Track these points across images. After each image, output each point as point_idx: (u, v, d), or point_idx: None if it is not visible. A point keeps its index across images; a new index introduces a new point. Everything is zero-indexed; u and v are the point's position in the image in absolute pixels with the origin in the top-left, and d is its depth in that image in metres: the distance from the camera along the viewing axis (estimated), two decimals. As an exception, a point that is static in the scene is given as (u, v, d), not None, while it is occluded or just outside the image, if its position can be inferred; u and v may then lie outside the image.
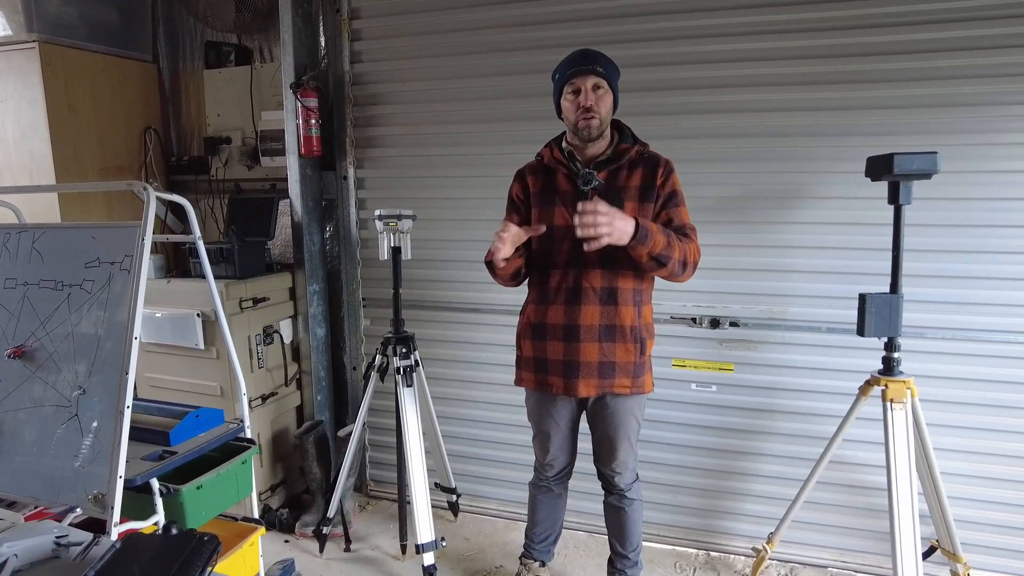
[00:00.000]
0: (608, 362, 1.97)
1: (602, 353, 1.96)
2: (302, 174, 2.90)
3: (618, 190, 1.95)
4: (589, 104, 1.90)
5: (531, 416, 2.21)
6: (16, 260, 1.85)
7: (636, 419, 2.08)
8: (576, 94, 1.92)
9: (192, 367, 2.72)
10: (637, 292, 1.99)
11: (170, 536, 1.13)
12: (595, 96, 1.91)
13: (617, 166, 1.97)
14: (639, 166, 1.98)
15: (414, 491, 2.41)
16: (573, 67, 1.92)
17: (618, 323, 1.96)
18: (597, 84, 1.91)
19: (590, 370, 1.97)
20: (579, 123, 1.92)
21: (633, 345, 1.99)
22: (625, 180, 1.97)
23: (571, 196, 1.97)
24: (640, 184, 1.97)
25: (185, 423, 1.91)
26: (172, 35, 3.30)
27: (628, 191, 1.96)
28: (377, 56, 2.89)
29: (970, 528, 2.36)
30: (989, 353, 2.31)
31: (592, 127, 1.92)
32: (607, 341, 1.96)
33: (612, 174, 1.97)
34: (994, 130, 2.21)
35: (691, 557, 2.67)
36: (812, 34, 2.32)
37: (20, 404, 1.75)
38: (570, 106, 1.94)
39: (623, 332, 1.97)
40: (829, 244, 2.40)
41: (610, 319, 1.96)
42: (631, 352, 1.99)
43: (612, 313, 1.96)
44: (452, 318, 2.93)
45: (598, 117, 1.91)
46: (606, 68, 1.93)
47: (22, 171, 2.82)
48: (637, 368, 2.01)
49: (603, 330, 1.96)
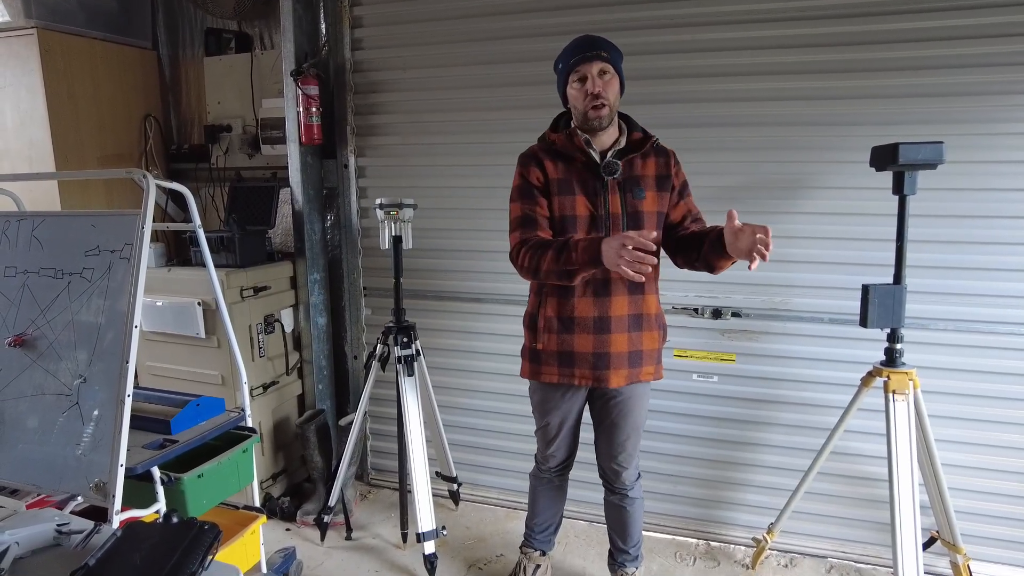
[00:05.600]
0: (636, 351, 1.98)
1: (631, 343, 1.97)
2: (303, 162, 2.89)
3: (637, 179, 1.94)
4: (597, 91, 1.85)
5: (538, 408, 2.15)
6: (16, 248, 1.85)
7: (645, 408, 2.09)
8: (583, 82, 1.88)
9: (193, 356, 2.72)
10: (655, 280, 2.02)
11: (171, 524, 1.14)
12: (602, 82, 1.87)
13: (634, 156, 1.95)
14: (651, 156, 1.98)
15: (415, 480, 2.42)
16: (577, 54, 1.88)
17: (644, 311, 1.97)
18: (603, 69, 1.87)
19: (621, 360, 1.96)
20: (589, 112, 1.88)
21: (658, 332, 2.02)
22: (641, 169, 1.95)
23: (592, 185, 1.92)
24: (655, 174, 1.96)
25: (186, 412, 1.91)
26: (172, 22, 3.27)
27: (646, 180, 1.94)
28: (378, 43, 2.87)
29: (970, 519, 2.37)
30: (992, 345, 2.30)
31: (603, 116, 1.88)
32: (635, 330, 1.97)
33: (628, 164, 1.95)
34: (1000, 119, 2.19)
35: (691, 547, 2.68)
36: (817, 22, 2.30)
37: (21, 392, 1.75)
38: (578, 94, 1.89)
39: (649, 320, 1.98)
40: (832, 234, 2.39)
41: (638, 308, 1.96)
42: (656, 339, 2.01)
43: (640, 302, 1.96)
44: (453, 307, 2.93)
45: (607, 104, 1.87)
46: (610, 52, 1.89)
47: (21, 159, 2.80)
48: (658, 355, 2.04)
49: (632, 320, 1.96)
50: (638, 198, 1.92)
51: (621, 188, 1.92)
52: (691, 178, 2.05)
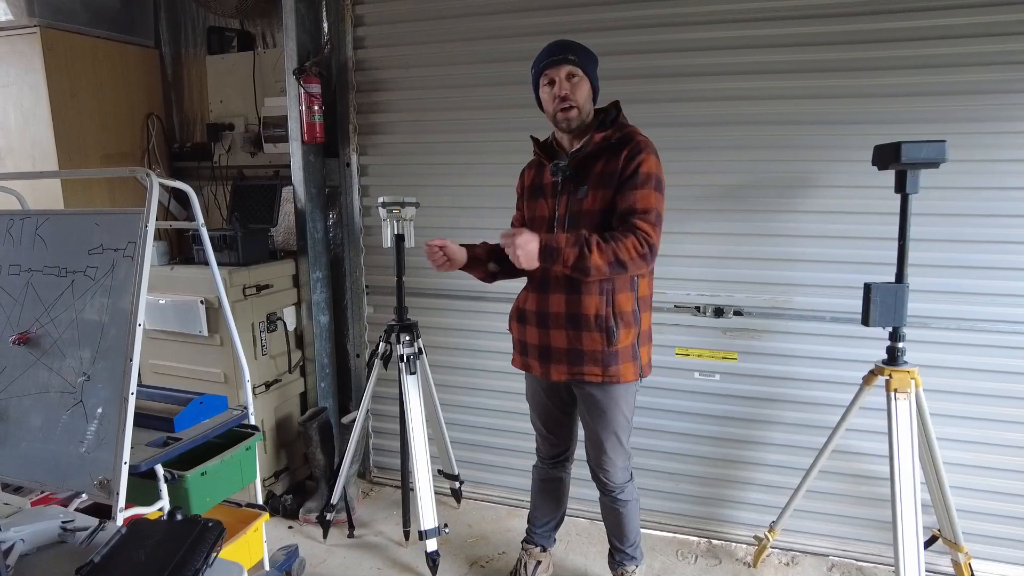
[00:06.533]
0: (575, 349, 1.97)
1: (569, 340, 1.97)
2: (305, 161, 2.89)
3: (583, 178, 1.94)
4: (564, 93, 1.88)
5: (526, 394, 2.29)
6: (20, 246, 1.85)
7: (623, 413, 2.03)
8: (551, 85, 1.91)
9: (196, 354, 2.73)
10: (606, 281, 1.91)
11: (175, 522, 1.14)
12: (570, 84, 1.88)
13: (586, 155, 1.93)
14: (611, 151, 1.91)
15: (417, 478, 2.43)
16: (546, 58, 1.91)
17: (582, 312, 1.93)
18: (571, 72, 1.88)
19: (560, 356, 2.00)
20: (557, 115, 1.92)
21: (599, 334, 1.93)
22: (596, 167, 1.93)
23: (552, 188, 2.01)
24: (602, 171, 1.91)
25: (189, 410, 1.92)
26: (174, 20, 3.28)
27: (591, 179, 1.93)
28: (381, 42, 2.87)
29: (972, 518, 2.37)
30: (994, 343, 2.29)
31: (571, 118, 1.90)
32: (572, 329, 1.96)
33: (582, 163, 1.94)
34: (1003, 118, 2.18)
35: (693, 545, 2.68)
36: (818, 20, 2.29)
37: (25, 390, 1.76)
38: (547, 98, 1.94)
39: (587, 321, 1.93)
40: (834, 233, 2.39)
41: (574, 308, 1.94)
42: (597, 341, 1.93)
43: (576, 302, 1.94)
44: (455, 306, 2.93)
45: (576, 107, 1.89)
46: (579, 56, 1.90)
47: (24, 157, 2.81)
48: (607, 357, 1.94)
49: (568, 318, 1.96)
50: (581, 197, 1.93)
51: (570, 189, 1.95)
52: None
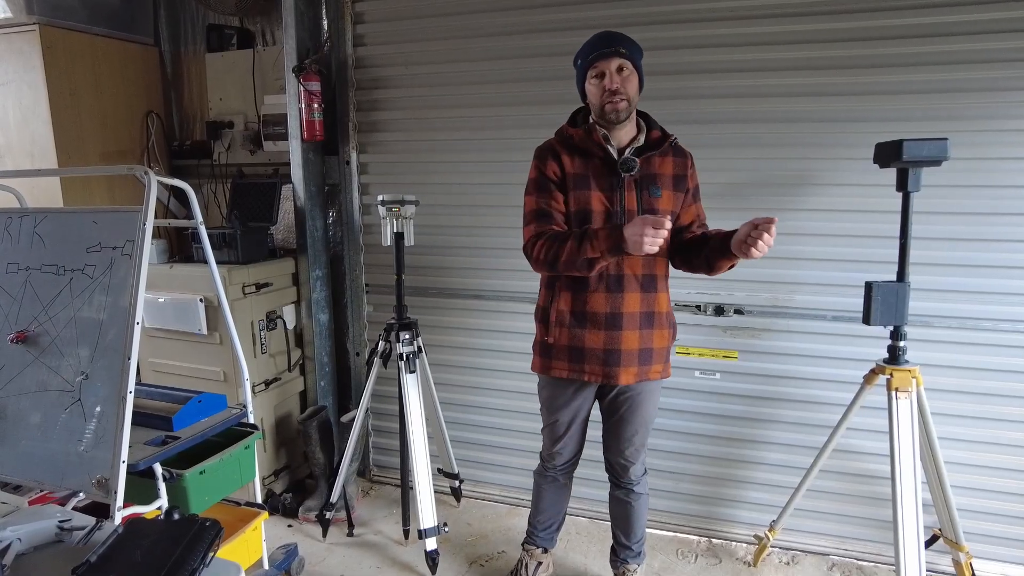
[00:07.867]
0: (647, 349, 1.98)
1: (642, 340, 1.97)
2: (305, 159, 2.88)
3: (654, 177, 1.93)
4: (615, 87, 1.85)
5: (547, 405, 2.14)
6: (18, 245, 1.85)
7: (655, 405, 2.10)
8: (601, 78, 1.87)
9: (195, 352, 2.72)
10: (666, 279, 2.03)
11: (173, 521, 1.14)
12: (620, 78, 1.86)
13: (651, 154, 1.94)
14: (669, 155, 1.97)
15: (417, 477, 2.42)
16: (595, 51, 1.88)
17: (656, 309, 1.98)
18: (621, 66, 1.86)
19: (631, 358, 1.96)
20: (606, 106, 1.87)
21: (668, 331, 2.03)
22: (659, 168, 1.95)
23: (608, 181, 1.92)
24: (672, 173, 1.96)
25: (188, 408, 1.91)
26: (173, 18, 3.27)
27: (663, 179, 1.94)
28: (381, 39, 2.86)
29: (973, 517, 2.36)
30: (996, 342, 2.29)
31: (620, 109, 1.87)
32: (646, 328, 1.97)
33: (646, 161, 1.94)
34: (1005, 116, 2.18)
35: (693, 544, 2.68)
36: (820, 18, 2.28)
37: (24, 389, 1.75)
38: (595, 90, 1.89)
39: (660, 318, 1.99)
40: (835, 231, 2.38)
41: (650, 306, 1.96)
42: (666, 338, 2.02)
43: (652, 300, 1.97)
44: (455, 304, 2.92)
45: (626, 99, 1.87)
46: (629, 49, 1.88)
47: (23, 155, 2.80)
48: (668, 353, 2.05)
49: (643, 317, 1.96)
50: (654, 196, 1.92)
51: (638, 185, 1.92)
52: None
